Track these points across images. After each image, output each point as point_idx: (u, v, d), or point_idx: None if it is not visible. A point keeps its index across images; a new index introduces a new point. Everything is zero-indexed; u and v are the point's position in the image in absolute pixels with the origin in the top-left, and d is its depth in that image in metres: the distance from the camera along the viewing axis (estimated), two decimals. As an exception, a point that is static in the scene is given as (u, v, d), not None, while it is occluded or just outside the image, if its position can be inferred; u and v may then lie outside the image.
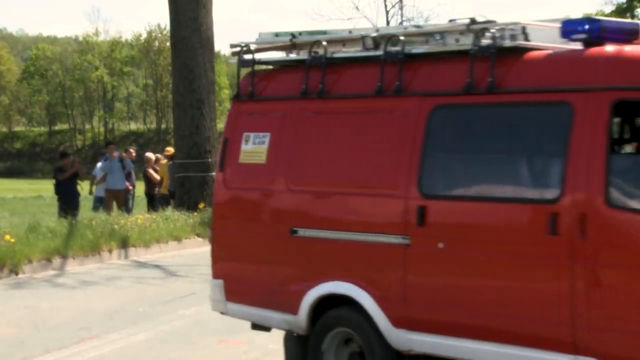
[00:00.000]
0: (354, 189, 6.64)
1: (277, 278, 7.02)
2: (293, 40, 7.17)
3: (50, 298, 11.76)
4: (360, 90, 6.72)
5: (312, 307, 6.81)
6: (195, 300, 11.89)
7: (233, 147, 7.37)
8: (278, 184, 7.05)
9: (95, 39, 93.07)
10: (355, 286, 6.55)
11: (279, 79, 7.35)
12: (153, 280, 13.55)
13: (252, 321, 7.45)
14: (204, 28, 20.58)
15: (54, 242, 14.79)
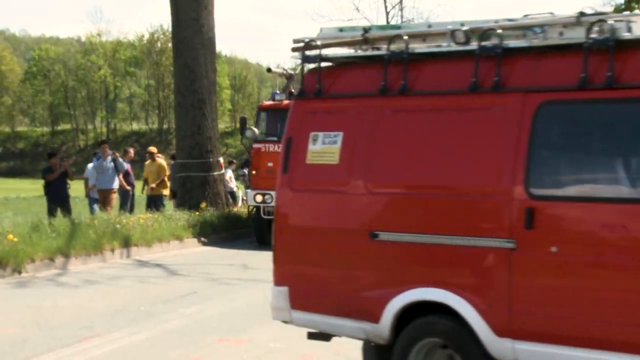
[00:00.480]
0: (445, 190, 6.25)
1: (354, 284, 6.60)
2: (365, 35, 6.79)
3: (53, 297, 11.78)
4: (449, 86, 6.32)
5: (396, 316, 6.39)
6: (197, 299, 11.90)
7: (298, 147, 7.01)
8: (355, 185, 6.65)
9: (98, 39, 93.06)
10: (450, 293, 6.13)
11: (351, 76, 6.91)
12: (155, 280, 13.57)
13: (321, 330, 6.97)
14: (206, 29, 20.59)
15: (57, 242, 14.80)
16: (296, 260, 7.00)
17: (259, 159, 18.20)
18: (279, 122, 18.42)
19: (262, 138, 18.30)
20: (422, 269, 6.29)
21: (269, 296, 12.21)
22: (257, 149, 18.25)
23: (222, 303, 11.67)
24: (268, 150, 18.10)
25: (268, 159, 18.08)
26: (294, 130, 7.08)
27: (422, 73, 6.51)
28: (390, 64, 6.58)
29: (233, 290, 12.75)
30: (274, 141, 18.15)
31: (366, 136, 6.67)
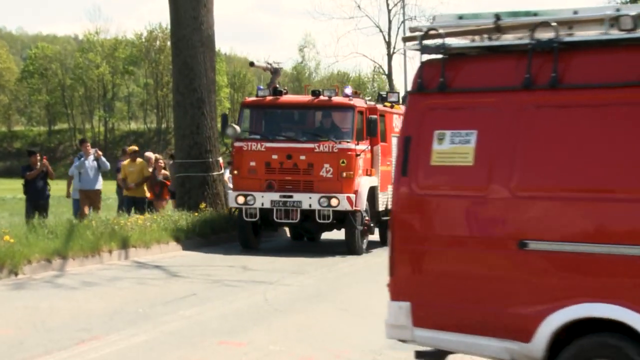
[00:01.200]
0: (615, 194, 5.68)
1: (498, 299, 5.99)
2: (498, 22, 6.18)
3: (50, 299, 11.78)
4: (614, 78, 5.75)
5: (554, 334, 5.81)
6: (196, 300, 11.90)
7: (419, 147, 6.40)
8: (496, 189, 6.05)
9: (96, 37, 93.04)
10: (626, 309, 5.56)
11: (481, 68, 6.32)
12: (153, 281, 13.57)
13: (452, 350, 6.41)
14: (205, 27, 20.58)
15: (54, 243, 14.80)
16: (421, 272, 6.39)
17: (240, 159, 17.72)
18: (262, 119, 18.16)
19: (245, 136, 17.85)
20: (587, 281, 5.72)
21: (268, 298, 12.27)
22: (238, 147, 17.78)
23: (222, 305, 11.67)
24: (250, 149, 17.62)
25: (250, 158, 17.62)
26: (413, 128, 6.48)
27: (574, 64, 5.93)
28: (534, 55, 5.98)
29: (233, 292, 12.75)
30: (256, 139, 17.77)
31: (507, 135, 6.07)
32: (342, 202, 17.23)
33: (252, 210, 17.56)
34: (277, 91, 18.43)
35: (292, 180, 17.46)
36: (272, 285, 13.55)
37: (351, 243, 17.73)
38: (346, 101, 17.97)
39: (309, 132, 17.90)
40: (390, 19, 48.79)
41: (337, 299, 12.55)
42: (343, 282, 14.26)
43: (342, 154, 17.40)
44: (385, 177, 18.70)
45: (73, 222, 16.27)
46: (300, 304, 11.99)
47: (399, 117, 19.49)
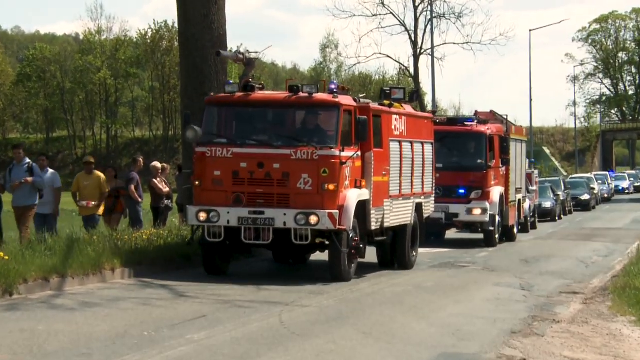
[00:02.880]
0: None
1: None
2: None
3: (48, 321, 11.80)
4: None
5: None
6: (206, 323, 11.90)
7: None
8: None
9: (97, 37, 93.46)
10: None
11: None
12: (159, 302, 13.59)
13: None
14: (216, 26, 20.63)
15: (52, 260, 14.85)
16: None
17: (203, 167, 16.24)
18: (230, 119, 16.76)
19: (208, 140, 16.33)
20: None
21: (285, 320, 12.25)
22: (201, 153, 16.31)
23: (234, 328, 11.66)
24: (215, 156, 16.13)
25: (215, 166, 16.12)
26: None
27: None
28: None
29: (245, 314, 12.74)
30: (222, 144, 16.26)
31: None
32: (322, 220, 15.70)
33: (215, 229, 16.08)
34: (249, 86, 16.84)
35: (264, 194, 15.97)
36: (288, 306, 13.53)
37: (335, 268, 16.29)
38: (330, 98, 16.41)
39: (285, 135, 16.41)
40: (417, 16, 48.77)
41: (359, 321, 12.52)
42: (366, 303, 14.24)
43: (323, 162, 15.87)
44: (380, 190, 17.40)
45: (73, 237, 16.32)
46: (319, 327, 11.97)
47: (400, 118, 18.44)
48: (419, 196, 19.64)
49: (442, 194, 24.41)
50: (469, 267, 20.39)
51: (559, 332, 12.33)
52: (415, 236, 19.44)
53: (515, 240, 28.07)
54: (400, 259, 18.94)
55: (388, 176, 17.82)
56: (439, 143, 24.63)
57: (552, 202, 41.07)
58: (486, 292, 16.41)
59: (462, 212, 25.32)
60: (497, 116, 28.37)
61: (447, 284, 17.22)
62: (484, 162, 25.47)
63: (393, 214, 18.10)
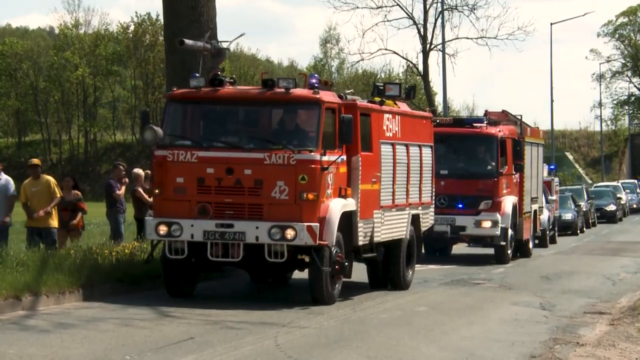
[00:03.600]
0: None
1: None
2: None
3: (19, 344, 11.81)
4: None
5: None
6: (194, 346, 11.90)
7: None
8: None
9: (74, 32, 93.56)
10: None
11: None
12: (142, 322, 13.59)
13: None
14: (205, 18, 20.65)
15: (24, 277, 14.84)
16: None
17: (163, 173, 15.63)
18: (197, 118, 16.30)
19: (170, 142, 15.80)
20: None
21: (280, 343, 12.25)
22: (161, 157, 15.69)
23: (225, 351, 11.67)
24: (177, 160, 15.55)
25: (177, 172, 15.54)
26: None
27: None
28: None
29: (238, 336, 12.75)
30: (186, 146, 15.73)
31: None
32: (300, 234, 15.08)
33: (178, 244, 15.48)
34: (217, 80, 16.21)
35: (234, 204, 15.38)
36: (284, 327, 13.54)
37: (316, 289, 15.63)
38: (309, 94, 15.74)
39: (258, 136, 15.89)
40: (427, 8, 48.80)
41: (363, 344, 12.53)
42: (370, 325, 14.25)
43: (302, 168, 15.29)
44: (369, 199, 16.83)
45: (48, 252, 16.32)
46: (318, 351, 11.97)
47: (393, 117, 17.87)
48: (415, 207, 18.94)
49: (447, 205, 24.15)
50: (484, 285, 20.40)
51: (583, 356, 12.34)
52: (411, 253, 18.80)
53: (531, 256, 27.72)
54: (394, 278, 18.32)
55: (379, 184, 17.21)
56: (444, 147, 24.32)
57: (573, 214, 40.81)
58: (503, 312, 16.42)
59: (469, 224, 24.75)
60: (510, 116, 27.72)
61: (460, 303, 17.22)
62: (494, 168, 24.95)
63: (385, 227, 17.47)
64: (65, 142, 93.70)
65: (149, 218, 16.07)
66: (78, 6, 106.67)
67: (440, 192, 23.52)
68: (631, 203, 62.06)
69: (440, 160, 24.05)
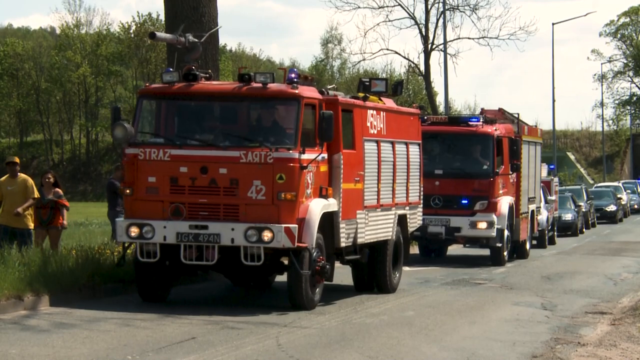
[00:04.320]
0: None
1: None
2: None
3: (21, 344, 11.81)
4: None
5: None
6: (196, 346, 11.91)
7: None
8: None
9: (76, 32, 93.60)
10: None
11: None
12: (144, 322, 13.60)
13: None
14: (207, 19, 20.67)
15: (26, 276, 14.84)
16: None
17: (135, 172, 15.05)
18: (170, 115, 15.68)
19: (142, 140, 15.27)
20: None
21: (282, 343, 12.26)
22: (132, 155, 15.12)
23: (226, 351, 11.68)
24: (149, 159, 14.97)
25: (149, 171, 14.98)
26: None
27: None
28: None
29: (239, 336, 12.75)
30: (158, 144, 15.16)
31: None
32: (278, 236, 14.50)
33: (150, 246, 14.91)
34: (191, 75, 15.53)
35: (208, 204, 14.82)
36: (286, 327, 13.55)
37: (295, 293, 15.08)
38: (287, 89, 15.23)
39: (233, 134, 15.35)
40: (428, 8, 48.77)
41: (364, 344, 12.54)
42: (371, 325, 14.25)
43: (279, 166, 14.73)
44: (352, 199, 16.22)
45: (49, 251, 16.32)
46: (320, 351, 11.98)
47: (377, 113, 17.26)
48: (402, 207, 18.28)
49: (442, 205, 23.74)
50: (485, 285, 20.40)
51: (585, 356, 12.34)
52: (398, 254, 18.18)
53: (528, 257, 27.36)
54: (380, 281, 17.73)
55: (362, 183, 16.56)
56: (439, 146, 24.01)
57: (573, 214, 40.44)
58: (504, 312, 16.42)
59: (465, 225, 24.16)
60: (507, 115, 27.22)
61: (461, 303, 17.22)
62: (490, 167, 24.38)
63: (369, 228, 16.83)
64: (66, 142, 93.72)
65: (119, 219, 15.48)
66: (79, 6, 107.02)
67: (434, 193, 23.26)
68: (632, 203, 61.96)
69: (435, 159, 23.87)
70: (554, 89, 75.26)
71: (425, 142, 23.60)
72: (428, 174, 22.74)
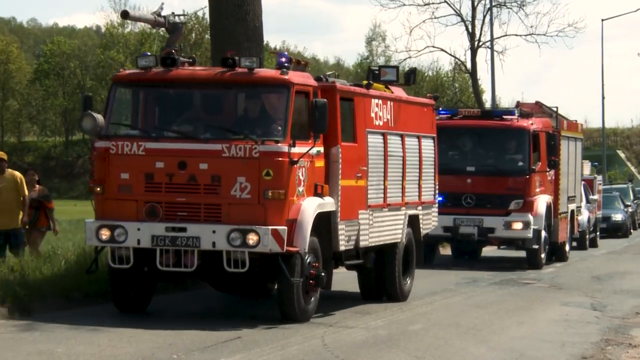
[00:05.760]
0: None
1: None
2: None
3: (68, 343, 11.91)
4: None
5: None
6: (241, 345, 11.94)
7: None
8: None
9: (120, 30, 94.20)
10: None
11: None
12: (190, 321, 13.64)
13: None
14: (251, 17, 20.69)
15: (73, 275, 14.93)
16: None
17: (106, 168, 13.76)
18: (146, 104, 14.36)
19: (114, 132, 13.99)
20: None
21: (328, 343, 12.26)
22: (102, 149, 13.84)
23: (272, 351, 11.69)
24: (122, 152, 13.69)
25: (121, 167, 13.66)
26: None
27: None
28: None
29: (284, 336, 12.76)
30: (132, 137, 13.89)
31: None
32: (264, 239, 13.13)
33: (122, 251, 13.55)
34: (170, 60, 14.17)
35: (187, 204, 13.48)
36: (332, 327, 13.54)
37: (285, 304, 13.63)
38: (276, 75, 13.85)
39: (215, 125, 14.00)
40: (475, 5, 48.56)
41: (411, 345, 12.51)
42: (418, 325, 14.21)
43: (266, 161, 13.35)
44: (353, 198, 14.84)
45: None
46: (366, 351, 11.97)
47: (383, 103, 15.87)
48: (413, 206, 16.82)
49: (474, 204, 22.88)
50: (534, 285, 20.27)
51: (636, 357, 12.23)
52: (409, 259, 16.74)
53: (567, 260, 26.19)
54: (389, 288, 16.21)
55: (365, 180, 15.14)
56: (471, 141, 23.30)
57: (623, 214, 39.11)
58: (553, 312, 16.31)
59: (499, 226, 23.04)
60: (545, 108, 26.07)
61: (509, 303, 17.13)
62: (526, 164, 23.26)
63: (374, 230, 15.39)
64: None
65: (89, 220, 13.99)
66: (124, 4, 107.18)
67: (466, 191, 22.59)
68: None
69: (467, 155, 23.23)
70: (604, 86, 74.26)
71: (456, 138, 23.19)
72: (460, 171, 22.39)
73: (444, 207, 20.99)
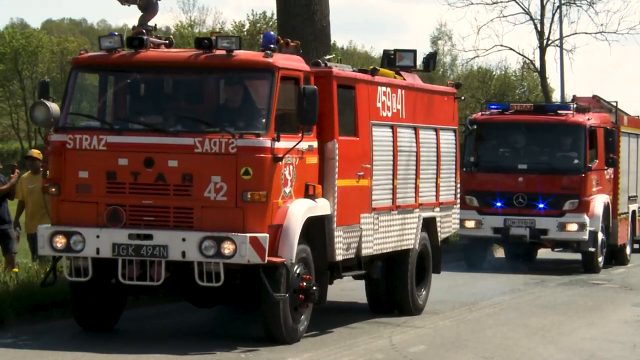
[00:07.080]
0: None
1: None
2: None
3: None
4: None
5: None
6: (309, 345, 11.94)
7: None
8: None
9: (190, 31, 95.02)
10: None
11: None
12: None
13: None
14: (319, 16, 20.71)
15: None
16: None
17: (61, 165, 12.00)
18: (110, 92, 12.73)
19: (72, 124, 12.24)
20: None
21: (395, 342, 12.22)
22: (58, 144, 12.06)
23: (339, 351, 11.72)
24: (80, 147, 11.90)
25: (80, 164, 11.90)
26: None
27: None
28: None
29: (352, 335, 12.76)
30: (92, 129, 12.16)
31: None
32: (241, 249, 11.36)
33: (80, 261, 11.81)
34: (137, 40, 12.32)
35: (154, 207, 11.72)
36: (399, 327, 13.51)
37: (268, 321, 11.82)
38: (258, 57, 12.01)
39: (187, 115, 12.24)
40: (544, 3, 48.14)
41: (479, 345, 12.44)
42: (486, 325, 14.14)
43: (245, 158, 11.57)
44: (354, 200, 13.06)
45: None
46: (434, 351, 11.93)
47: (392, 91, 14.02)
48: (430, 208, 14.95)
49: (526, 204, 21.75)
50: (604, 285, 20.02)
51: None
52: (424, 267, 14.85)
53: (628, 264, 24.68)
54: (401, 300, 14.37)
55: (369, 179, 13.32)
56: (524, 137, 22.39)
57: None
58: (624, 313, 16.10)
59: (552, 227, 21.80)
60: (603, 102, 24.84)
61: (578, 304, 16.95)
62: (582, 162, 22.00)
63: (380, 236, 13.59)
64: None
65: (42, 226, 12.20)
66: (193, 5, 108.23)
67: (518, 190, 21.82)
68: None
69: (519, 152, 22.45)
70: (676, 84, 73.31)
71: (508, 134, 22.53)
72: (511, 169, 21.80)
73: (494, 207, 20.67)
